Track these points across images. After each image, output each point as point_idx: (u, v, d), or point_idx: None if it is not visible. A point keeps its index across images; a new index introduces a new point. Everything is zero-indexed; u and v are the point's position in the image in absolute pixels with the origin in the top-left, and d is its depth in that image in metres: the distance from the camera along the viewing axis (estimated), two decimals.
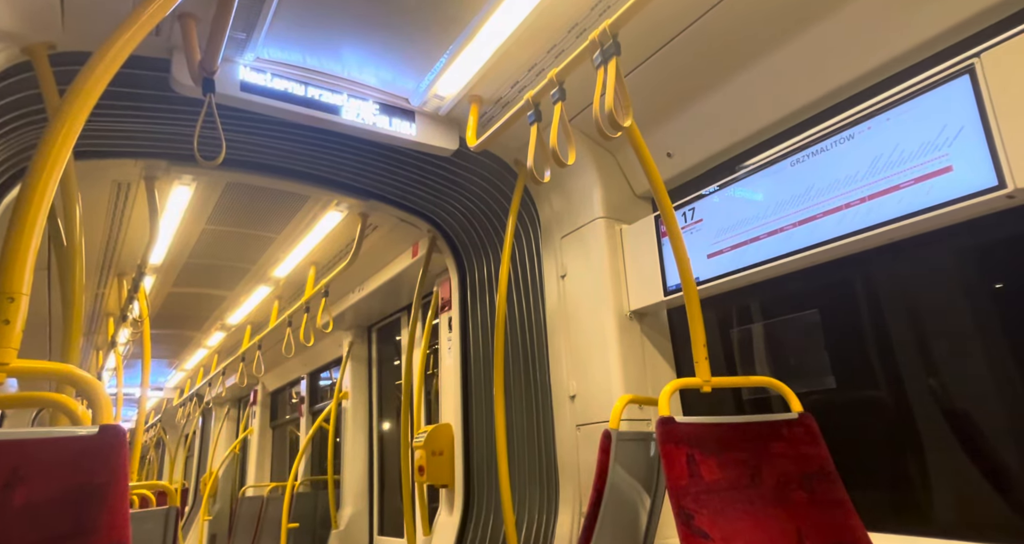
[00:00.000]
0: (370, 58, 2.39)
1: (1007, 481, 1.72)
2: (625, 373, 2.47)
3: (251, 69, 2.32)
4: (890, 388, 2.01)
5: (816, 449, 1.77)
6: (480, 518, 3.16)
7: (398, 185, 3.20)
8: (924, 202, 1.68)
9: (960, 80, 1.64)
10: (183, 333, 6.66)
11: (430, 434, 3.46)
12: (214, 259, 4.48)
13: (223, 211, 3.73)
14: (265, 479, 7.54)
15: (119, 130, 2.59)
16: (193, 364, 8.03)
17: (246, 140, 2.75)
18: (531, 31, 2.15)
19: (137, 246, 3.97)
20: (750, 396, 2.43)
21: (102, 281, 4.56)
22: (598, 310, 2.60)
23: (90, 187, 3.16)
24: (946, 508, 1.85)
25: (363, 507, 5.16)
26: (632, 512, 1.93)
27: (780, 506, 1.67)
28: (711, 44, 2.14)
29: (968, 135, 1.62)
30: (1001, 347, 1.76)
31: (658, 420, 1.71)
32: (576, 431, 2.62)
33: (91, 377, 1.27)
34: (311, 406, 6.63)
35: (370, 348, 5.57)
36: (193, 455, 10.16)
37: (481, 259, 3.42)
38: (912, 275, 1.96)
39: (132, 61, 2.17)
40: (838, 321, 2.16)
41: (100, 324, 5.56)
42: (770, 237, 2.09)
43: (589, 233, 2.72)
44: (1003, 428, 1.74)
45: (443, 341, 3.77)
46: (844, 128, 1.92)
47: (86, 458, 1.16)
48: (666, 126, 2.50)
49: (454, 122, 2.75)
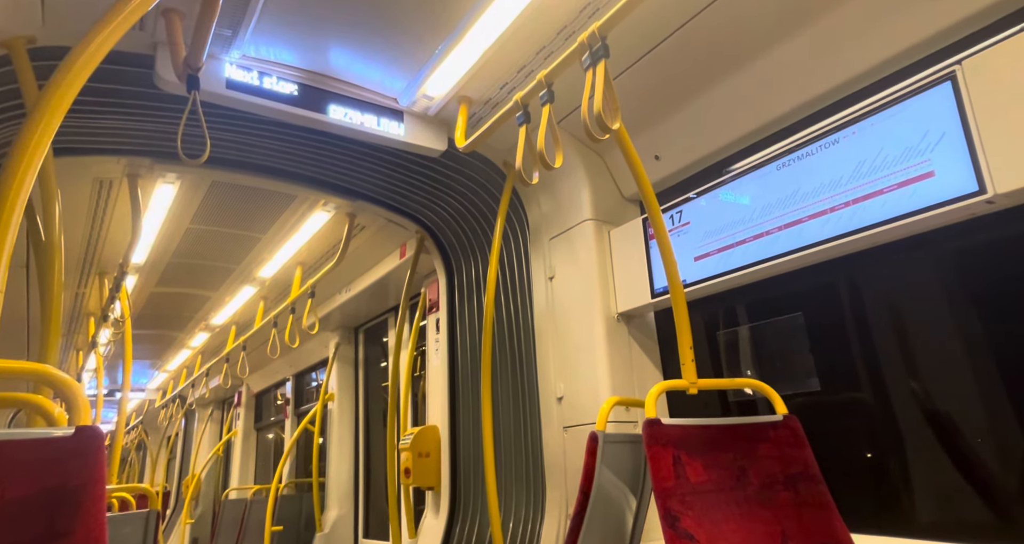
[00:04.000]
0: (358, 57, 2.37)
1: (987, 482, 1.75)
2: (612, 375, 2.47)
3: (237, 67, 2.29)
4: (873, 390, 2.03)
5: (800, 451, 1.78)
6: (466, 520, 3.14)
7: (386, 185, 3.19)
8: (907, 206, 1.70)
9: (942, 86, 1.67)
10: (166, 333, 6.57)
11: (417, 436, 3.44)
12: (198, 259, 4.42)
13: (208, 210, 3.68)
14: (249, 482, 7.45)
15: (101, 127, 2.55)
16: (176, 365, 7.93)
17: (232, 138, 2.72)
18: (520, 33, 2.15)
19: (119, 245, 3.90)
20: (736, 398, 2.45)
21: (83, 280, 4.48)
22: (586, 312, 2.60)
23: (71, 184, 3.11)
24: (927, 509, 1.87)
25: (348, 510, 5.12)
26: (618, 514, 1.93)
27: (765, 508, 1.68)
28: (699, 48, 2.15)
29: (950, 141, 1.64)
30: (982, 349, 1.78)
31: (645, 422, 1.71)
32: (563, 433, 2.62)
33: (68, 377, 1.24)
34: (296, 408, 6.57)
35: (357, 349, 5.53)
36: (175, 457, 10.03)
37: (469, 260, 3.41)
38: (895, 278, 1.99)
39: (115, 56, 2.14)
40: (822, 324, 2.18)
41: (80, 324, 5.46)
42: (756, 240, 2.11)
43: (577, 235, 2.72)
44: (983, 429, 1.77)
45: (430, 342, 3.75)
46: (829, 132, 1.94)
47: (61, 460, 1.14)
48: (654, 129, 2.51)
49: (443, 123, 2.74)
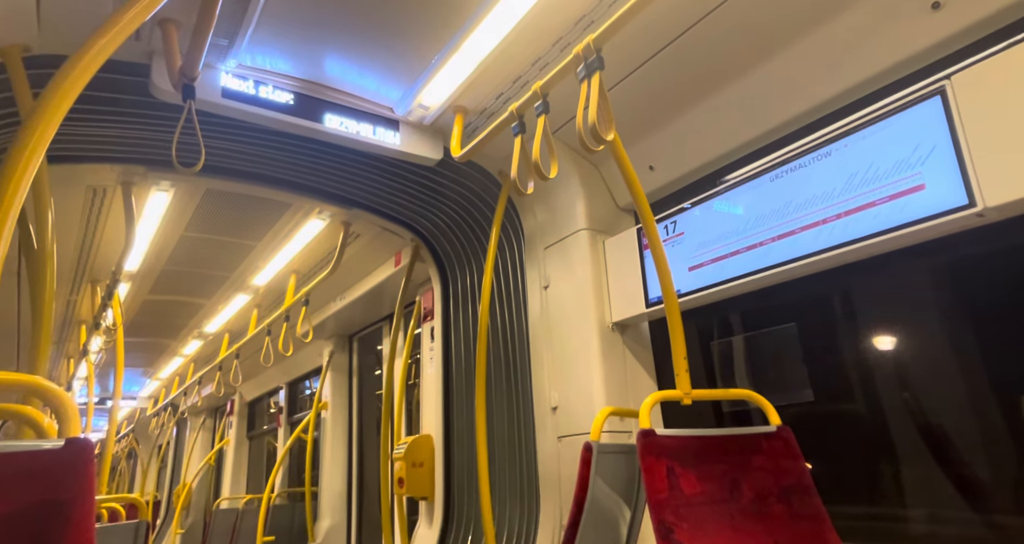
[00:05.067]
0: (354, 67, 2.38)
1: (979, 493, 1.75)
2: (607, 385, 2.47)
3: (233, 76, 2.29)
4: (866, 401, 2.04)
5: (794, 462, 1.78)
6: (460, 531, 3.12)
7: (382, 194, 3.19)
8: (898, 219, 1.72)
9: (932, 101, 1.69)
10: (158, 341, 6.53)
11: (410, 445, 3.42)
12: (192, 266, 4.40)
13: (202, 218, 3.67)
14: (241, 491, 7.38)
15: (95, 135, 2.54)
16: (168, 373, 7.86)
17: (227, 147, 2.72)
18: (516, 44, 2.16)
19: (112, 252, 3.88)
20: (729, 408, 2.45)
21: (75, 288, 4.45)
22: (580, 321, 2.60)
23: (64, 192, 3.09)
24: (920, 520, 1.87)
25: (341, 520, 5.07)
26: (612, 525, 1.92)
27: (758, 520, 1.67)
28: (693, 61, 2.17)
29: (940, 154, 1.66)
30: (974, 360, 1.79)
31: (639, 432, 1.71)
32: (557, 443, 2.61)
33: (58, 388, 1.23)
34: (290, 416, 6.52)
35: (351, 358, 5.50)
36: (167, 466, 9.92)
37: (464, 269, 3.41)
38: (888, 290, 2.00)
39: (110, 65, 2.14)
40: (816, 334, 2.19)
41: (72, 332, 5.42)
42: (750, 251, 2.12)
43: (572, 245, 2.72)
44: (976, 441, 1.77)
45: (425, 351, 3.74)
46: (822, 145, 1.96)
47: (51, 473, 1.12)
48: (649, 140, 2.53)
49: (439, 132, 2.75)
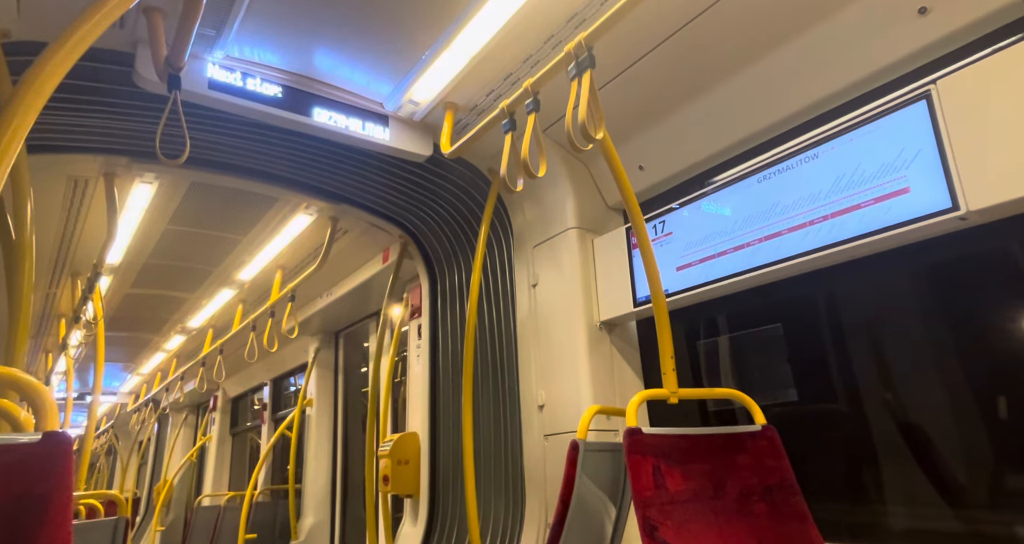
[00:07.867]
0: (344, 61, 2.36)
1: (959, 491, 1.78)
2: (594, 383, 2.47)
3: (220, 67, 2.26)
4: (849, 401, 2.06)
5: (778, 461, 1.80)
6: (445, 529, 3.11)
7: (370, 189, 3.16)
8: (883, 221, 1.74)
9: (917, 105, 1.71)
10: (140, 336, 6.43)
11: (396, 443, 3.40)
12: (176, 260, 4.34)
13: (187, 211, 3.61)
14: (223, 488, 7.30)
15: (77, 124, 2.49)
16: (150, 368, 7.75)
17: (213, 139, 2.68)
18: (507, 40, 2.16)
19: (93, 245, 3.81)
20: (715, 407, 2.47)
21: (54, 280, 4.36)
22: (568, 320, 2.61)
23: (44, 182, 3.03)
24: (901, 518, 1.90)
25: (324, 517, 5.04)
26: (597, 523, 1.92)
27: (742, 518, 1.69)
28: (683, 61, 2.18)
29: (925, 158, 1.68)
30: (955, 361, 1.82)
31: (625, 431, 1.71)
32: (544, 441, 2.61)
33: (35, 381, 1.20)
34: (274, 413, 6.46)
35: (337, 354, 5.46)
36: (147, 463, 9.79)
37: (452, 266, 3.40)
38: (872, 291, 2.03)
39: (93, 53, 2.10)
40: (801, 335, 2.21)
41: (51, 326, 5.32)
42: (737, 251, 2.13)
43: (561, 243, 2.73)
44: (956, 440, 1.80)
45: (412, 348, 3.72)
46: (809, 147, 1.97)
47: (27, 467, 1.10)
48: (638, 139, 2.54)
49: (428, 128, 2.74)
